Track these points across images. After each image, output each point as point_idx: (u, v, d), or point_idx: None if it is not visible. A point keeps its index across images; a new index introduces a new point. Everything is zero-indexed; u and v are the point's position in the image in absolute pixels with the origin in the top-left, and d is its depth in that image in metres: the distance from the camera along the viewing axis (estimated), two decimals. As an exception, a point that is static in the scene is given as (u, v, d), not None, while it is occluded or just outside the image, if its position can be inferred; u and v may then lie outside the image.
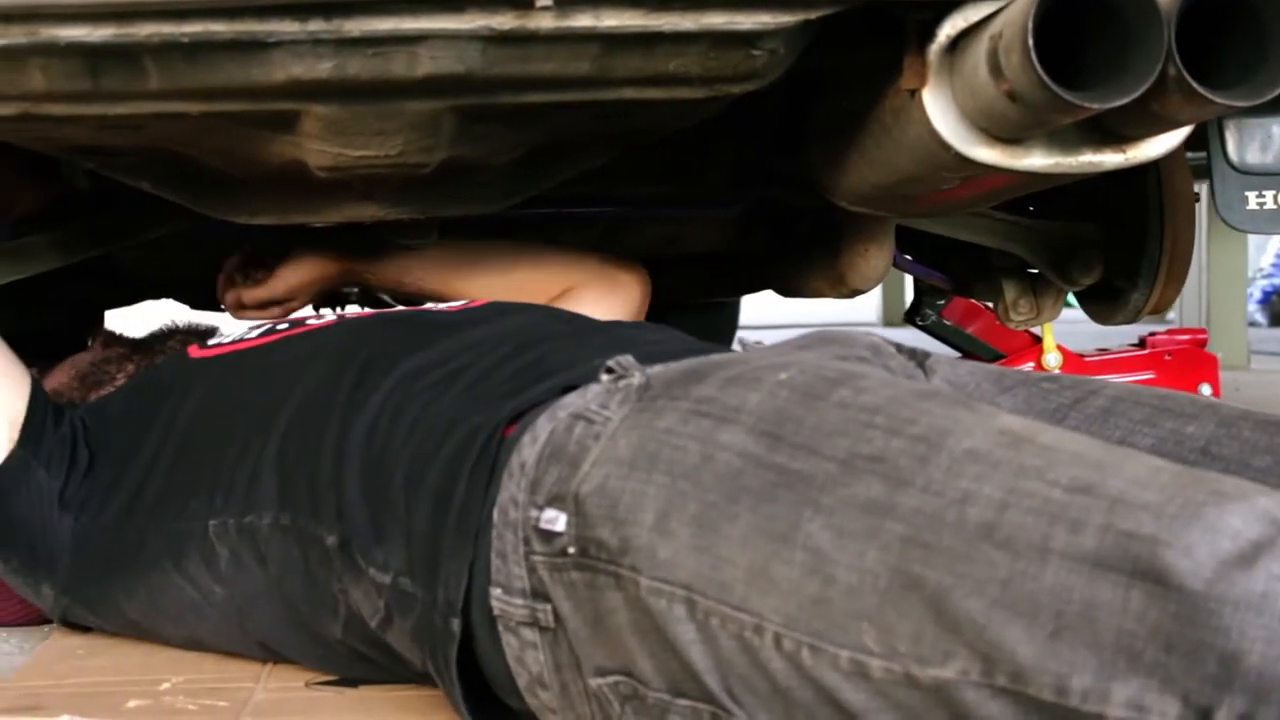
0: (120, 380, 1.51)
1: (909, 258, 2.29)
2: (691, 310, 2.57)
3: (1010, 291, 2.14)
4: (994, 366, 1.18)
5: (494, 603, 0.98)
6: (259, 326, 1.39)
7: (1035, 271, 2.16)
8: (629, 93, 1.23)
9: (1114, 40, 1.15)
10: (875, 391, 0.89)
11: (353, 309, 2.80)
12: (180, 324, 1.62)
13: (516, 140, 1.37)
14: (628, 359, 1.02)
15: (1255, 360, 5.47)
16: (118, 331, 1.66)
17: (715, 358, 1.03)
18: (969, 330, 2.87)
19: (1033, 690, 0.74)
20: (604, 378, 1.01)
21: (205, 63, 1.10)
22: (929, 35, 1.24)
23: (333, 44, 1.09)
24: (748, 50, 1.19)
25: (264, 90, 1.14)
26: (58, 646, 1.34)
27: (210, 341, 1.41)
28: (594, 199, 1.90)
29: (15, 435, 1.31)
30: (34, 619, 1.52)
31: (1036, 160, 1.28)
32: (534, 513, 0.95)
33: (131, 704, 1.13)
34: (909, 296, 2.93)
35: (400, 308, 1.46)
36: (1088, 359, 2.95)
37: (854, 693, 0.80)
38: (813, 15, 1.16)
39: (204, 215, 1.55)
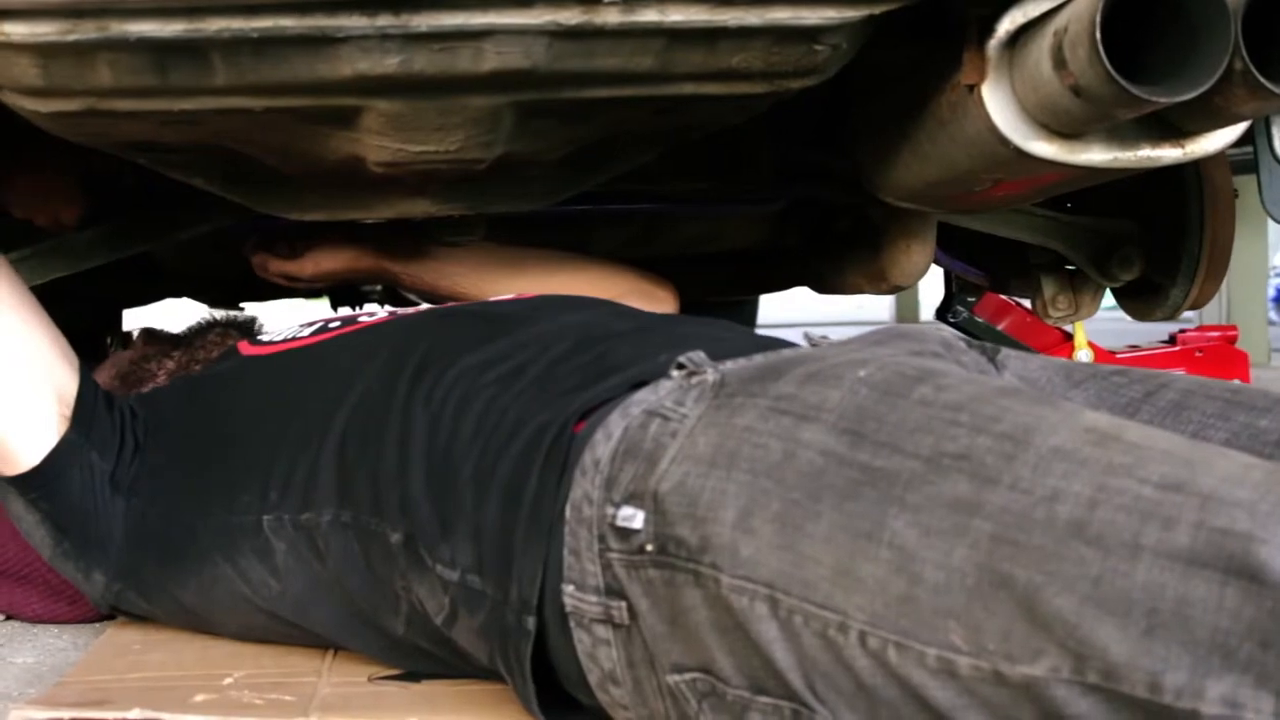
0: (161, 378, 1.51)
1: (945, 254, 2.28)
2: (713, 308, 2.57)
3: (1049, 288, 2.14)
4: (1064, 361, 1.18)
5: (566, 599, 0.98)
6: (311, 325, 1.39)
7: (1073, 268, 2.16)
8: (689, 88, 1.23)
9: (1179, 34, 1.15)
10: (957, 389, 0.89)
11: (371, 307, 2.81)
12: (218, 316, 1.62)
13: (571, 136, 1.37)
14: (699, 355, 1.01)
15: (1274, 358, 5.46)
16: (157, 328, 1.66)
17: (789, 354, 1.03)
18: (999, 327, 2.86)
19: (1125, 688, 0.74)
20: (675, 374, 1.01)
21: (272, 58, 1.10)
22: (988, 30, 1.24)
23: (400, 39, 1.09)
24: (810, 45, 1.19)
25: (329, 85, 1.14)
26: (114, 642, 1.34)
27: (261, 338, 1.41)
28: (633, 195, 1.90)
29: (68, 415, 1.31)
30: (74, 620, 1.53)
31: (1095, 155, 1.28)
32: (610, 510, 0.95)
33: (198, 698, 1.13)
34: (922, 295, 2.93)
35: (452, 303, 1.45)
36: (1119, 356, 2.94)
37: (940, 690, 0.80)
38: (876, 10, 1.16)
39: (248, 211, 1.55)
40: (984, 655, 0.78)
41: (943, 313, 2.79)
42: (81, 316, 2.37)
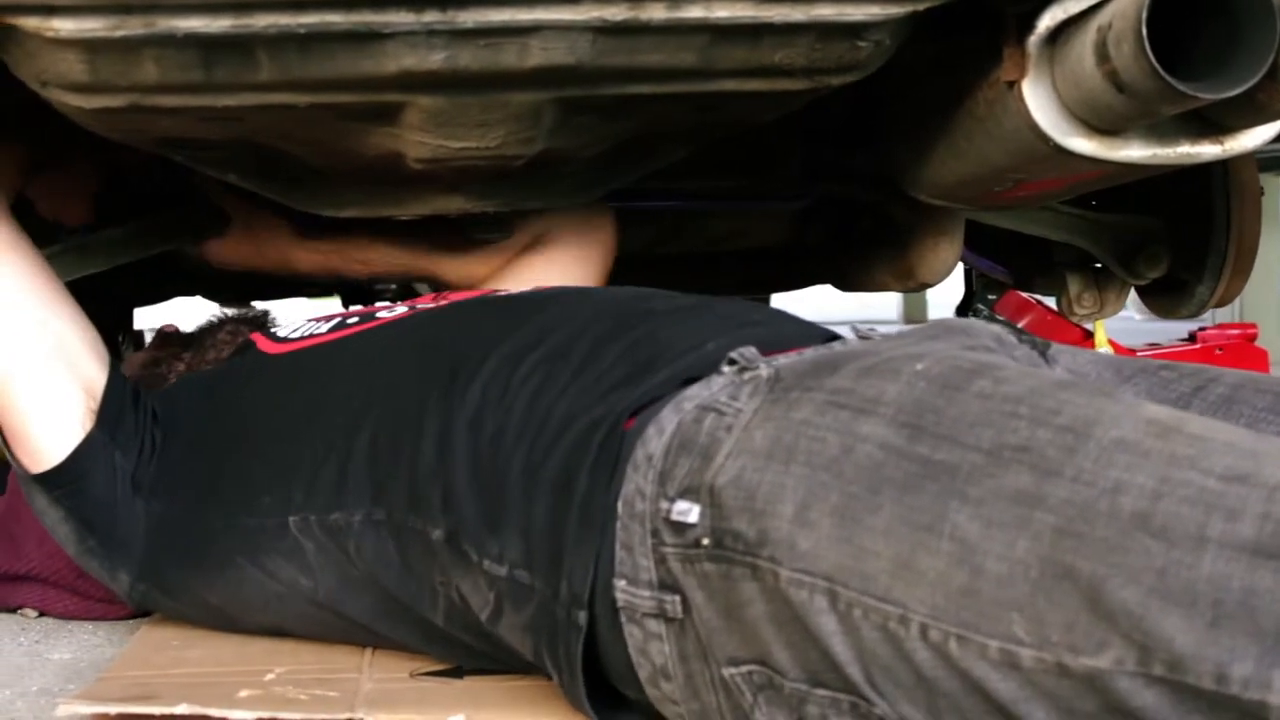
0: (172, 380, 1.50)
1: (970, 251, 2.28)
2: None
3: (1074, 285, 2.15)
4: (1112, 355, 1.18)
5: (618, 594, 0.98)
6: (328, 320, 1.38)
7: (1098, 265, 2.16)
8: (730, 85, 1.23)
9: (1222, 31, 1.15)
10: (1015, 382, 0.89)
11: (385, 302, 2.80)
12: (228, 314, 1.61)
13: (609, 132, 1.37)
14: (750, 350, 1.01)
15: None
16: (172, 330, 1.65)
17: (841, 349, 1.02)
18: (1020, 325, 2.85)
19: (1191, 679, 0.73)
20: (727, 369, 1.01)
21: (318, 54, 1.10)
22: (1028, 27, 1.24)
23: (446, 35, 1.09)
24: (853, 42, 1.19)
25: (374, 82, 1.14)
26: (152, 638, 1.34)
27: (277, 333, 1.40)
28: (660, 192, 1.90)
29: (95, 410, 1.31)
30: (105, 617, 1.54)
31: (1134, 152, 1.28)
32: (664, 504, 0.95)
33: (243, 694, 1.13)
34: (930, 294, 2.92)
35: (469, 294, 1.44)
36: (1139, 354, 2.93)
37: (1003, 682, 0.80)
38: (920, 7, 1.16)
39: (284, 208, 1.55)
40: (1047, 647, 0.78)
41: (963, 310, 2.78)
42: (95, 315, 2.37)
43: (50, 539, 1.39)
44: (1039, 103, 1.26)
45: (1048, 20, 1.23)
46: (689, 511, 0.93)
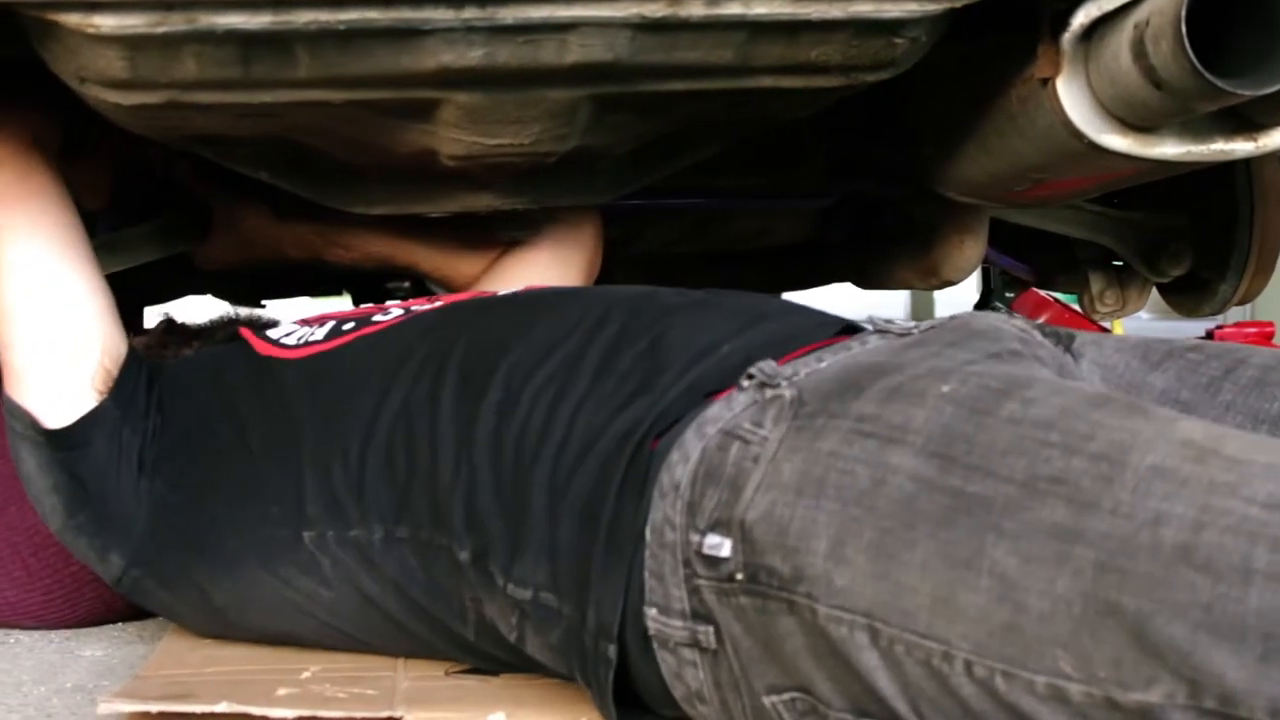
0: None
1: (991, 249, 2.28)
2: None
3: (1096, 283, 2.14)
4: (1138, 339, 1.16)
5: (649, 623, 0.96)
6: (323, 324, 1.32)
7: (1119, 263, 2.16)
8: (766, 81, 1.23)
9: (1260, 26, 1.15)
10: (1045, 402, 0.87)
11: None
12: (240, 314, 1.59)
13: (641, 130, 1.37)
14: (769, 365, 0.99)
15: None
16: (178, 320, 1.63)
17: (864, 362, 0.99)
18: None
19: (1244, 712, 0.72)
20: (745, 384, 0.98)
21: (357, 50, 1.10)
22: (1063, 23, 1.24)
23: (485, 31, 1.09)
24: (890, 38, 1.19)
25: (411, 78, 1.14)
26: (185, 636, 1.33)
27: (270, 335, 1.33)
28: (686, 190, 1.90)
29: (112, 380, 1.27)
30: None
31: (1168, 149, 1.28)
32: (695, 537, 0.93)
33: (281, 692, 1.13)
34: (937, 293, 2.92)
35: (467, 294, 1.41)
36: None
37: (1051, 716, 0.79)
38: (958, 4, 1.16)
39: (315, 205, 1.55)
40: (1095, 682, 0.77)
41: (980, 308, 2.78)
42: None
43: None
44: (1073, 100, 1.26)
45: (1082, 17, 1.22)
46: (720, 545, 0.92)
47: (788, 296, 3.05)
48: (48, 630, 1.51)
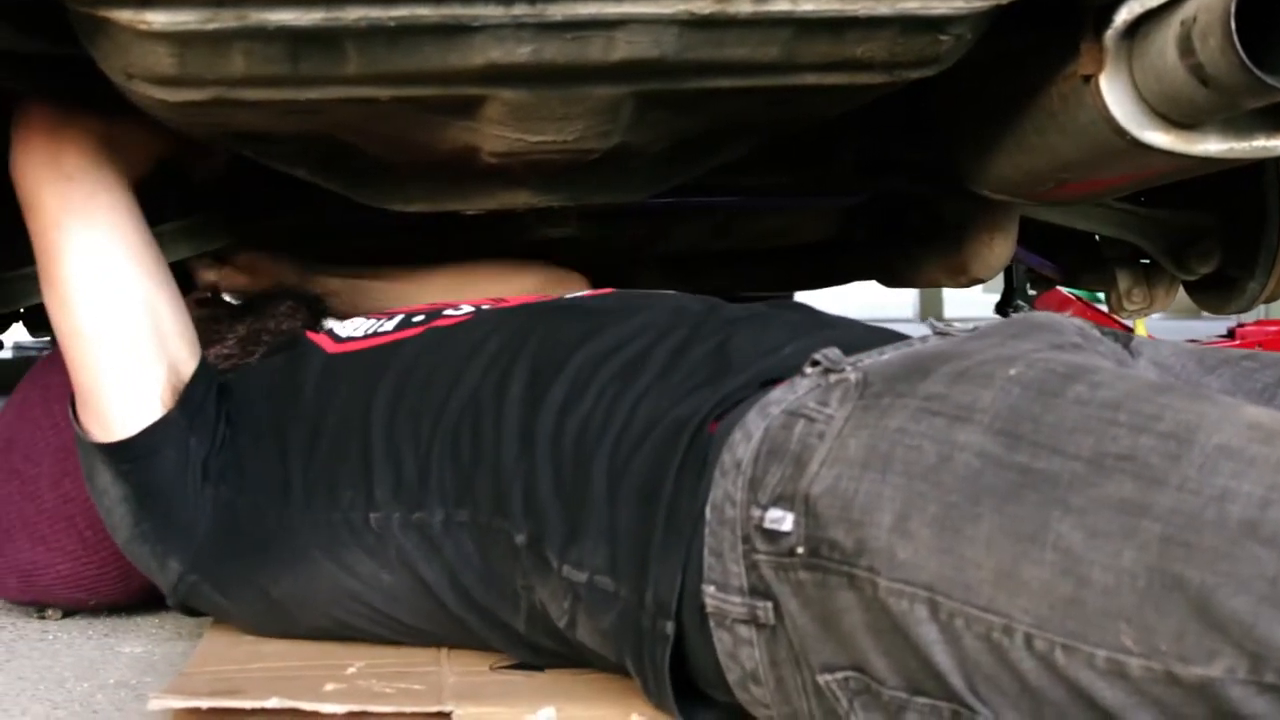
0: (230, 342, 1.47)
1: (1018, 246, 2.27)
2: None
3: (1124, 281, 2.14)
4: (1193, 346, 1.18)
5: (707, 600, 0.98)
6: (392, 318, 1.35)
7: (1147, 261, 2.16)
8: (810, 78, 1.22)
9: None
10: (1111, 386, 0.89)
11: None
12: (289, 287, 1.60)
13: (682, 127, 1.37)
14: (834, 351, 1.01)
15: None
16: (210, 294, 1.65)
17: (929, 349, 1.01)
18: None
19: None
20: (810, 370, 1.00)
21: (406, 47, 1.10)
22: (1106, 20, 1.23)
23: (534, 28, 1.09)
24: (935, 35, 1.19)
25: (459, 75, 1.14)
26: (226, 632, 1.33)
27: (337, 332, 1.37)
28: (714, 188, 1.90)
29: (179, 392, 1.29)
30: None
31: (1211, 145, 1.28)
32: (756, 512, 0.95)
33: (329, 687, 1.13)
34: (946, 292, 2.92)
35: (534, 297, 1.43)
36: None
37: (1110, 691, 0.80)
38: (1004, 1, 1.16)
39: (346, 202, 1.55)
40: (1156, 656, 0.78)
41: (1003, 307, 2.78)
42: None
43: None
44: (1116, 97, 1.25)
45: (1125, 14, 1.22)
46: (783, 519, 0.93)
47: (806, 295, 3.06)
48: (96, 605, 1.53)
